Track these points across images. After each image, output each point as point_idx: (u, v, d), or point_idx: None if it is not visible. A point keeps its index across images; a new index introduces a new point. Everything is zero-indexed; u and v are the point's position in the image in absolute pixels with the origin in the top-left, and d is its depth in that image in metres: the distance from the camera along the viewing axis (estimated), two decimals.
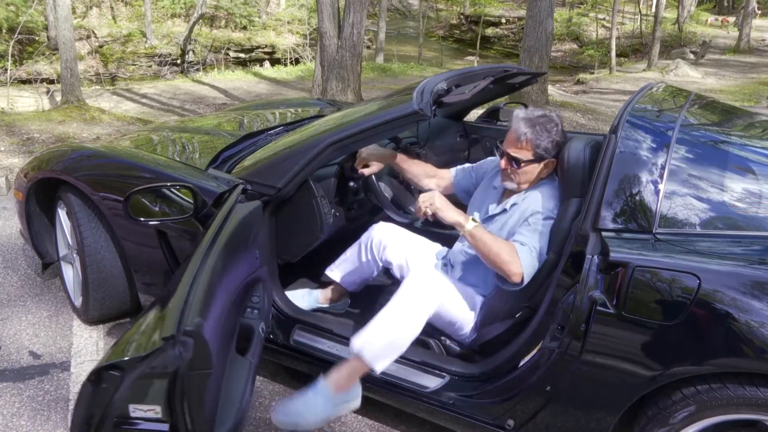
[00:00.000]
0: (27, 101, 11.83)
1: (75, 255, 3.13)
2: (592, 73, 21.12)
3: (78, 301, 3.22)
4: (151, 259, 2.76)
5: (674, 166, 2.00)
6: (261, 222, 2.37)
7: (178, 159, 3.02)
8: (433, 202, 2.29)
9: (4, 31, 16.17)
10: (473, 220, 2.26)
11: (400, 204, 2.94)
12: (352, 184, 2.82)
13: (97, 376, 1.43)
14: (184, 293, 1.66)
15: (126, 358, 1.45)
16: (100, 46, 19.65)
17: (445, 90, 2.42)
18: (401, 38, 28.98)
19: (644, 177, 1.98)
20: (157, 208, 2.60)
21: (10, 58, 12.59)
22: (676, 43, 25.77)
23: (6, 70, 13.11)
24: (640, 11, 28.80)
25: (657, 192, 1.94)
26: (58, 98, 10.77)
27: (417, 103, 2.22)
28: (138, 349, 1.48)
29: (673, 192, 1.95)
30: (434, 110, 2.30)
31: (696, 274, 1.75)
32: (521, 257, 2.17)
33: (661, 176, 1.97)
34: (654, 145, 2.06)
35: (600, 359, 1.90)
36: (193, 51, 20.49)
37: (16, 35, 12.61)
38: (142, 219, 2.41)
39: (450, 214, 2.27)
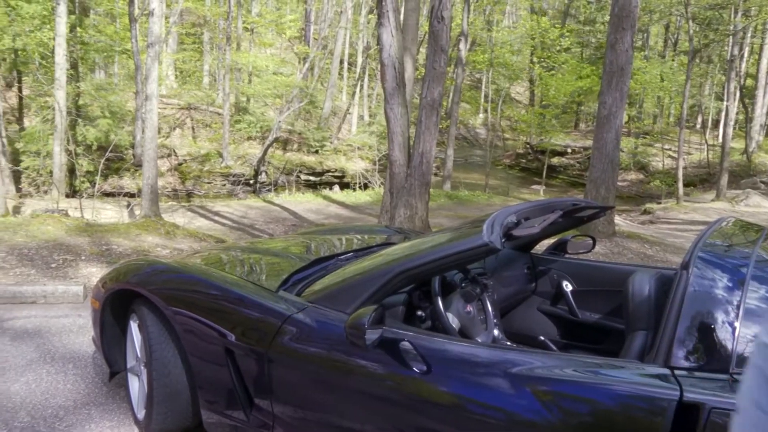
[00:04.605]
0: (109, 213, 12.44)
1: (142, 368, 3.17)
2: (659, 203, 20.97)
3: (141, 414, 3.23)
4: (216, 377, 2.79)
5: (750, 304, 1.95)
6: None
7: (248, 279, 3.10)
8: None
9: (94, 149, 17.31)
10: None
11: (468, 335, 2.92)
12: (420, 313, 2.83)
13: None
14: None
15: None
16: (179, 164, 20.72)
17: (515, 223, 2.46)
18: (468, 166, 29.63)
19: (719, 315, 1.93)
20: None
21: (99, 174, 13.39)
22: (745, 173, 25.56)
23: (94, 184, 13.93)
24: (706, 141, 28.85)
25: (733, 331, 1.89)
26: (137, 212, 11.29)
27: (487, 235, 2.26)
28: None
29: (750, 331, 1.89)
30: (503, 243, 2.33)
31: None
32: None
33: (736, 315, 1.92)
34: (728, 283, 2.03)
35: None
36: (266, 172, 21.35)
37: (107, 153, 13.46)
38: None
39: None
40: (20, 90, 19.89)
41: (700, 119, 33.27)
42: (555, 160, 29.68)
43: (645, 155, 29.45)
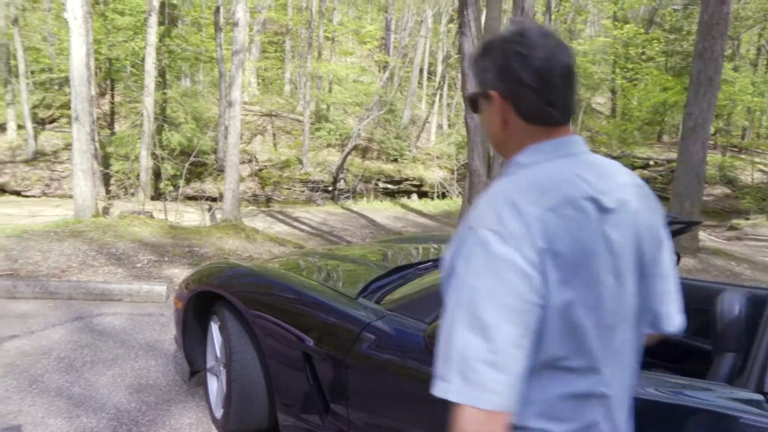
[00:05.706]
0: (191, 216, 12.78)
1: (222, 368, 3.24)
2: (747, 218, 20.08)
3: (219, 413, 3.30)
4: (293, 381, 2.82)
5: None
6: None
7: (327, 285, 3.13)
8: None
9: (176, 153, 17.91)
10: None
11: None
12: None
13: None
14: None
15: None
16: (260, 170, 21.13)
17: None
18: None
19: None
20: None
21: (182, 178, 13.82)
22: None
23: (177, 187, 14.40)
24: None
25: None
26: (219, 215, 11.57)
27: None
28: None
29: None
30: None
31: None
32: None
33: None
34: None
35: None
36: (345, 179, 21.54)
37: (191, 158, 13.88)
38: None
39: None
40: (112, 97, 20.80)
41: None
42: (637, 173, 28.56)
43: (732, 169, 28.28)
